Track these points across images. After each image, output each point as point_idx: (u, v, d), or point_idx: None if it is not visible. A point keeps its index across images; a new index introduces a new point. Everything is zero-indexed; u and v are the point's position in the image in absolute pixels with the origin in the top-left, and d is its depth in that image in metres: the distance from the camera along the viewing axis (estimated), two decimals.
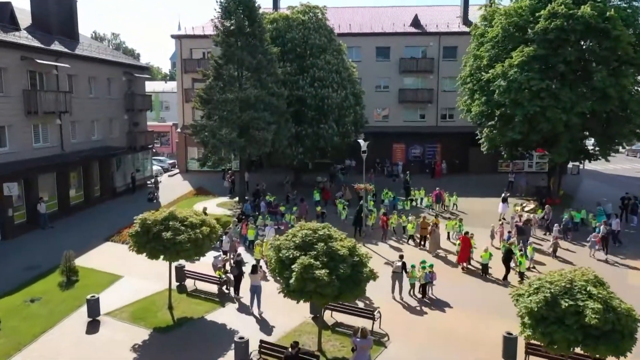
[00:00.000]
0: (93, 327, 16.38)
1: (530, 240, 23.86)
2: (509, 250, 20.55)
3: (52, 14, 32.78)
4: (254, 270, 17.28)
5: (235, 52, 32.10)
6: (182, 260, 18.05)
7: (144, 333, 16.01)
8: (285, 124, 34.53)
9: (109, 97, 37.66)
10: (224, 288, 19.09)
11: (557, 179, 34.25)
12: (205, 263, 20.33)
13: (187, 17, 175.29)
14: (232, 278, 18.84)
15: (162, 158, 55.76)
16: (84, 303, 17.15)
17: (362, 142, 25.50)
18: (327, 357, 14.45)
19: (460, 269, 21.89)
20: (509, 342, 14.12)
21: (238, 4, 31.89)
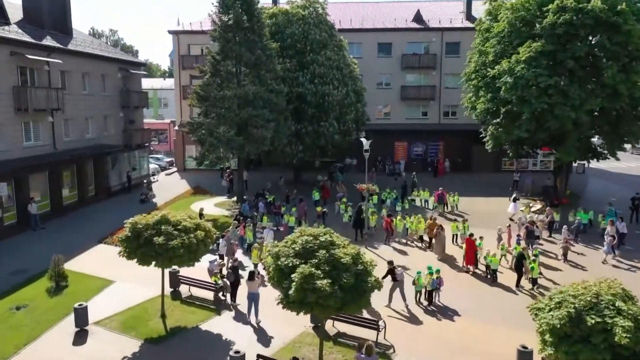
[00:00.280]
0: (80, 337, 15.43)
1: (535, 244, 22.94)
2: (522, 255, 19.57)
3: (44, 8, 31.73)
4: (251, 277, 16.35)
5: (233, 47, 31.16)
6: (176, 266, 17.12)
7: (135, 344, 15.08)
8: (285, 122, 33.59)
9: (104, 93, 36.66)
10: (220, 294, 18.17)
11: (564, 178, 33.34)
12: (201, 267, 19.34)
13: (187, 13, 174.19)
14: (228, 284, 17.92)
15: (159, 156, 54.85)
16: (72, 311, 16.23)
17: (364, 140, 24.55)
18: None
19: (467, 274, 20.98)
20: (524, 356, 13.15)
21: None
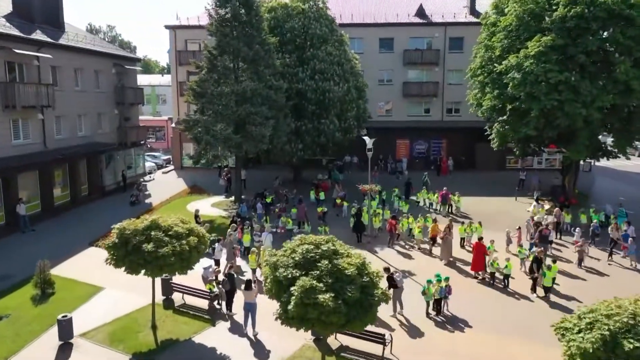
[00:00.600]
0: (64, 352, 14.36)
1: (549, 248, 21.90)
2: (538, 260, 18.43)
3: (34, 2, 30.45)
4: (248, 286, 15.27)
5: (231, 42, 30.04)
6: None
7: (122, 359, 14.03)
8: (284, 119, 32.47)
9: (98, 90, 35.51)
10: (215, 303, 17.12)
11: (572, 178, 32.28)
12: (195, 273, 18.29)
13: (187, 9, 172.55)
14: (224, 292, 16.85)
15: (156, 154, 53.83)
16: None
17: (367, 139, 23.46)
18: None
19: (475, 279, 19.92)
20: None
21: None
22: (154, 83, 78.46)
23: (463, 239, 23.84)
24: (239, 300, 16.29)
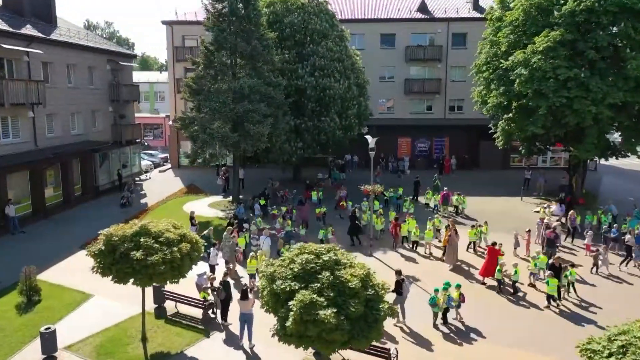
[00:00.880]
0: None
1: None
2: (555, 268, 17.38)
3: None
4: (244, 296, 14.34)
5: (228, 37, 29.07)
6: None
7: None
8: (283, 117, 31.49)
9: (91, 87, 34.49)
10: (210, 312, 16.20)
11: (580, 177, 31.37)
12: (190, 279, 17.37)
13: (186, 5, 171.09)
14: (219, 300, 15.92)
15: (153, 152, 52.86)
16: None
17: (369, 138, 22.50)
18: None
19: (483, 286, 18.99)
20: None
21: None
22: (152, 80, 77.49)
23: (473, 243, 22.81)
24: (235, 309, 15.38)
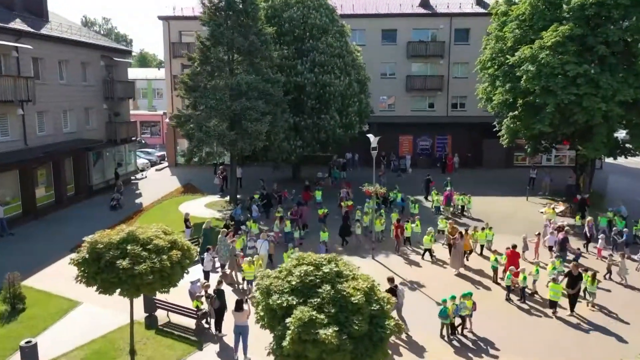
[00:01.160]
0: None
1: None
2: (573, 276, 16.29)
3: None
4: (239, 307, 13.45)
5: (225, 32, 28.10)
6: None
7: None
8: (282, 115, 30.51)
9: (84, 83, 33.51)
10: (204, 322, 15.32)
11: (588, 177, 30.46)
12: (183, 287, 16.49)
13: (183, 0, 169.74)
14: (213, 310, 15.04)
15: (150, 150, 51.89)
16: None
17: (372, 137, 21.58)
18: None
19: (488, 292, 18.10)
20: None
21: None
22: (151, 77, 76.38)
23: (482, 246, 21.92)
24: (230, 319, 14.48)
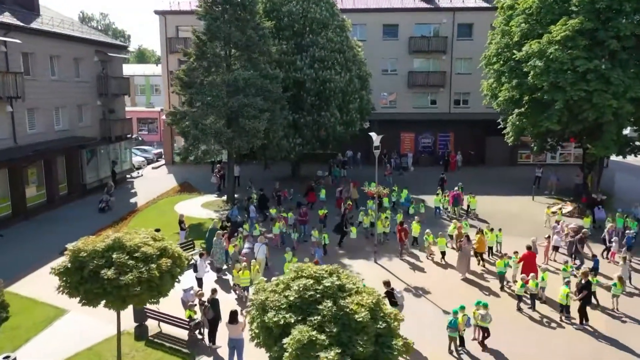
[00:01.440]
0: None
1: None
2: (587, 283, 15.46)
3: None
4: (233, 319, 12.58)
5: (221, 26, 27.16)
6: None
7: None
8: (281, 111, 29.55)
9: (78, 79, 32.55)
10: (197, 332, 14.44)
11: (596, 176, 29.54)
12: (175, 295, 15.61)
13: None
14: (206, 320, 14.16)
15: (147, 148, 50.93)
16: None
17: (374, 135, 20.68)
18: None
19: (497, 299, 17.21)
20: None
21: None
22: (148, 73, 75.49)
23: (490, 248, 21.05)
24: (225, 331, 13.60)
